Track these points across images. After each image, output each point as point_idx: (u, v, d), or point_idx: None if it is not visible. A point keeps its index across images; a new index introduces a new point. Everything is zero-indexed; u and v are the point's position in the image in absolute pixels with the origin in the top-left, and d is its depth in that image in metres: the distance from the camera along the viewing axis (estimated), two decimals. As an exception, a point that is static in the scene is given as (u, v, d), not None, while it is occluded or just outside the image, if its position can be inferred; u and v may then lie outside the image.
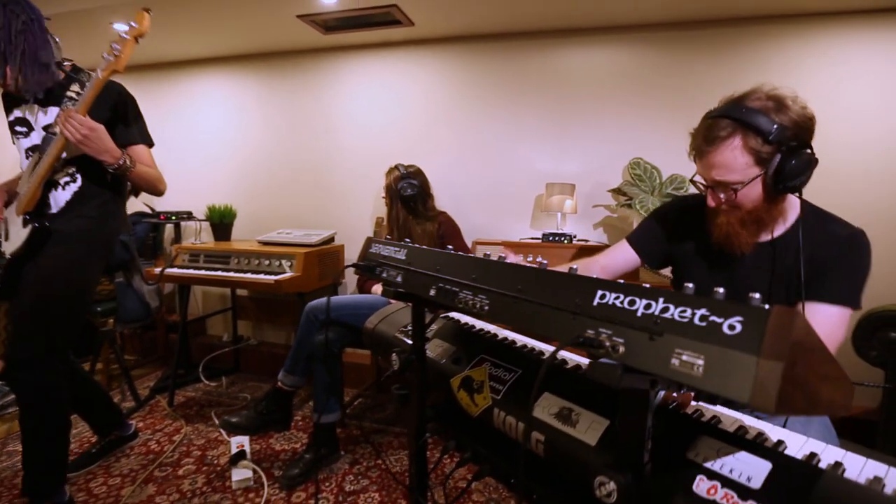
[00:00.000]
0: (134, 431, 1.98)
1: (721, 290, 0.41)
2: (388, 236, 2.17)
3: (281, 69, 2.75)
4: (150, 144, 1.61)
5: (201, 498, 1.67)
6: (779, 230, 1.02)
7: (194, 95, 2.94)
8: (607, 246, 2.01)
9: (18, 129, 1.51)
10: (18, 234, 1.47)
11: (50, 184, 1.47)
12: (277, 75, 2.76)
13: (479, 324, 1.07)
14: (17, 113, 1.50)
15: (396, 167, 2.18)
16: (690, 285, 0.43)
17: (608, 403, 0.65)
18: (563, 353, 0.86)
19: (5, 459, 1.89)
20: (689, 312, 0.40)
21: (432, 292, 0.78)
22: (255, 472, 1.78)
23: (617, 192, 2.29)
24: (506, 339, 0.97)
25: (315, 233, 2.49)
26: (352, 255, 2.66)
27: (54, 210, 1.48)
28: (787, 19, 2.12)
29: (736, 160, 0.92)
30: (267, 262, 2.22)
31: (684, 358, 0.39)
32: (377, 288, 2.06)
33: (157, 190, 1.60)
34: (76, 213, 1.49)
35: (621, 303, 0.46)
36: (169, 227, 2.81)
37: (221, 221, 2.60)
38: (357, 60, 2.64)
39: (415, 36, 2.49)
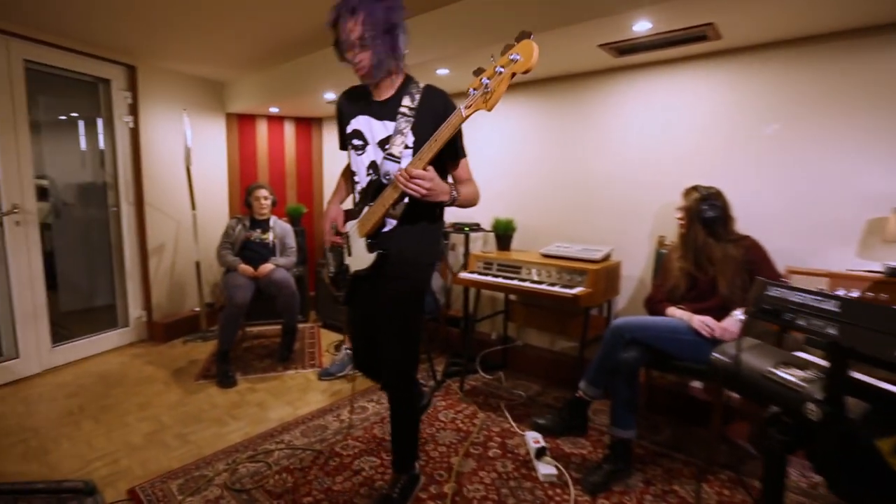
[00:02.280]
0: (428, 401, 2.33)
1: None
2: (681, 257, 2.12)
3: (563, 90, 2.93)
4: (465, 155, 1.60)
5: (515, 482, 1.91)
6: None
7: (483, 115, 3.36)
8: None
9: (355, 142, 1.57)
10: (360, 250, 1.58)
11: None
12: (559, 95, 2.95)
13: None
14: (353, 125, 1.56)
15: (696, 188, 2.11)
16: None
17: None
18: None
19: (359, 412, 2.51)
20: None
21: None
22: (558, 469, 1.96)
23: None
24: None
25: (594, 248, 2.59)
26: (629, 271, 2.68)
27: (387, 228, 1.55)
28: None
29: None
30: (557, 274, 2.41)
31: None
32: (674, 311, 2.03)
33: (473, 205, 1.62)
34: (410, 235, 1.55)
35: None
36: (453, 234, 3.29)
37: (505, 233, 2.92)
38: (644, 78, 2.63)
39: (716, 48, 2.35)
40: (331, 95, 3.49)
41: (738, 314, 1.90)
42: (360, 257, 1.58)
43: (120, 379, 2.94)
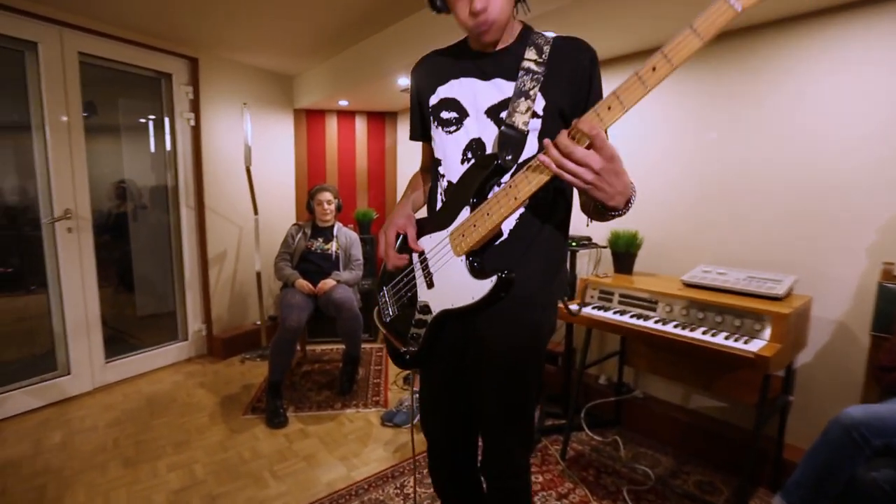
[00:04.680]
0: None
1: None
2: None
3: (708, 56, 2.13)
4: None
5: None
6: None
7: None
8: None
9: (445, 115, 1.04)
10: (455, 276, 0.99)
11: None
12: (702, 65, 2.15)
13: None
14: (442, 92, 1.04)
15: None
16: None
17: None
18: None
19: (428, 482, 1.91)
20: None
21: None
22: None
23: None
24: None
25: (768, 277, 1.78)
26: (820, 310, 1.83)
27: (500, 239, 1.00)
28: None
29: None
30: (717, 317, 1.65)
31: None
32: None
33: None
34: (536, 252, 1.00)
35: None
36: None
37: (627, 251, 2.19)
38: (848, 26, 1.77)
39: None
40: (405, 81, 2.96)
41: None
42: (452, 288, 0.99)
43: (167, 404, 2.61)
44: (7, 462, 2.05)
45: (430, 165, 1.13)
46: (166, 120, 3.16)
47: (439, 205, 1.06)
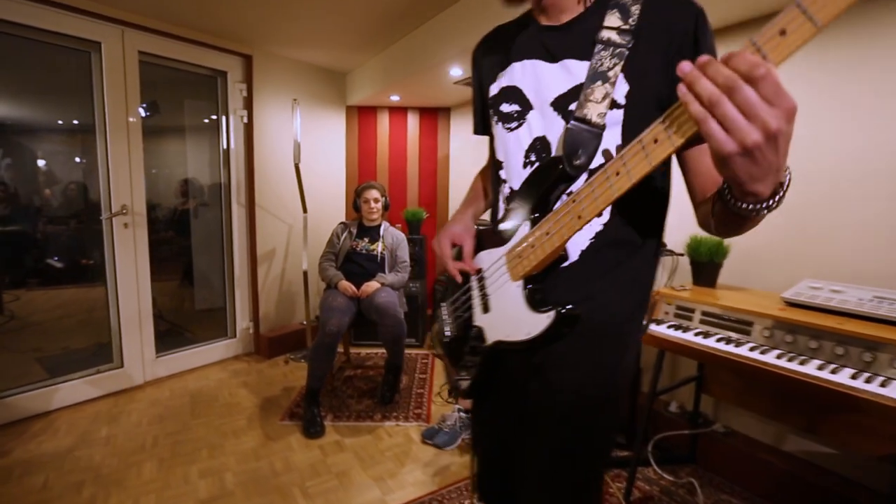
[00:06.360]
0: None
1: None
2: None
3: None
4: None
5: None
6: None
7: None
8: None
9: (504, 108, 0.85)
10: (510, 304, 0.81)
11: None
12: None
13: None
14: (503, 80, 0.85)
15: None
16: None
17: None
18: None
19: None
20: None
21: None
22: None
23: None
24: None
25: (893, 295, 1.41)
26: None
27: (567, 262, 0.78)
28: None
29: None
30: (840, 349, 1.30)
31: None
32: None
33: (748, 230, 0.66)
34: (616, 278, 0.77)
35: None
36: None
37: (711, 260, 1.85)
38: None
39: None
40: (457, 71, 2.76)
41: None
42: (508, 317, 0.81)
43: (209, 403, 2.58)
44: (55, 454, 2.07)
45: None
46: (223, 118, 3.18)
47: (500, 215, 0.87)
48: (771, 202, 0.52)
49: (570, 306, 0.73)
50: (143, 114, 2.72)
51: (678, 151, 0.55)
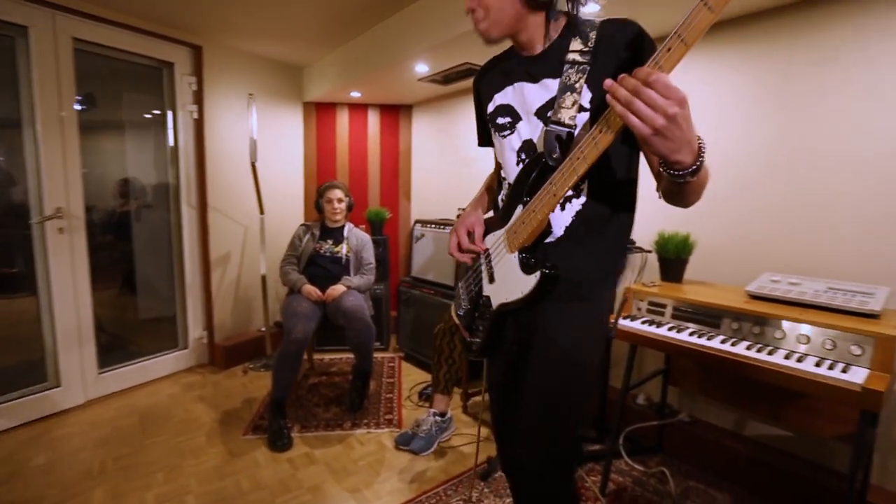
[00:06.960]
0: None
1: None
2: None
3: (773, 28, 1.86)
4: None
5: None
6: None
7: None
8: None
9: (500, 121, 1.06)
10: (509, 272, 1.02)
11: None
12: (765, 39, 1.88)
13: None
14: (498, 100, 1.07)
15: None
16: None
17: None
18: None
19: (454, 522, 1.66)
20: None
21: None
22: None
23: None
24: None
25: (855, 289, 1.51)
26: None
27: (553, 236, 0.99)
28: None
29: None
30: (812, 337, 1.37)
31: None
32: None
33: (695, 200, 0.85)
34: (594, 244, 0.99)
35: None
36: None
37: (677, 256, 1.92)
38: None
39: None
40: (423, 68, 2.72)
41: None
42: (507, 283, 1.04)
43: (163, 420, 2.39)
44: (-18, 487, 1.84)
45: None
46: (169, 113, 2.96)
47: (501, 207, 1.10)
48: (693, 167, 0.71)
49: (551, 266, 0.94)
50: (77, 107, 2.49)
51: (615, 139, 0.77)
